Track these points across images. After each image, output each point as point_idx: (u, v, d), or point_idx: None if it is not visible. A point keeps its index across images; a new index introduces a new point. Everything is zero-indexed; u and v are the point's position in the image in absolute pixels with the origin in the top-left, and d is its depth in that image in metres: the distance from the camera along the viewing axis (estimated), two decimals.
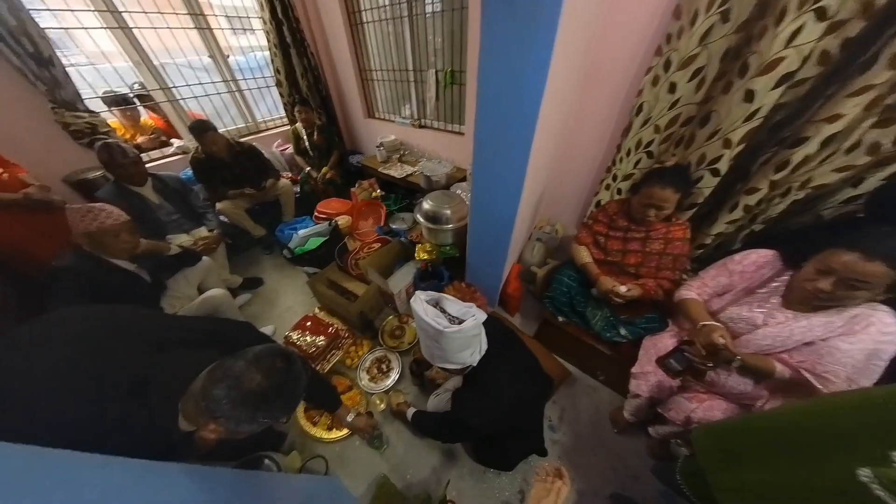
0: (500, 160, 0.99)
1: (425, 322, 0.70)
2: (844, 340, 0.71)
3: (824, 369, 0.72)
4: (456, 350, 0.73)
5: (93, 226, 1.02)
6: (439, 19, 1.85)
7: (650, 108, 1.27)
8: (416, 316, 0.73)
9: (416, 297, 0.75)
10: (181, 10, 1.96)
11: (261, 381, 0.56)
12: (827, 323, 0.73)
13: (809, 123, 1.00)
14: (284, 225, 2.05)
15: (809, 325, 0.75)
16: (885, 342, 0.67)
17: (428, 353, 0.79)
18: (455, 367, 0.78)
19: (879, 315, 0.68)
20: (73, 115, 1.61)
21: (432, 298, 0.78)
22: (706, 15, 1.01)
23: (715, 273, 0.97)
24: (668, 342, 1.03)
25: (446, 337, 0.69)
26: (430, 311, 0.72)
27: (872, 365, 0.68)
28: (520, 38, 0.73)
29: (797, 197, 1.14)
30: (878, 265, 0.64)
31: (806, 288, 0.73)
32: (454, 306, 0.76)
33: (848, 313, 0.71)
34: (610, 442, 1.19)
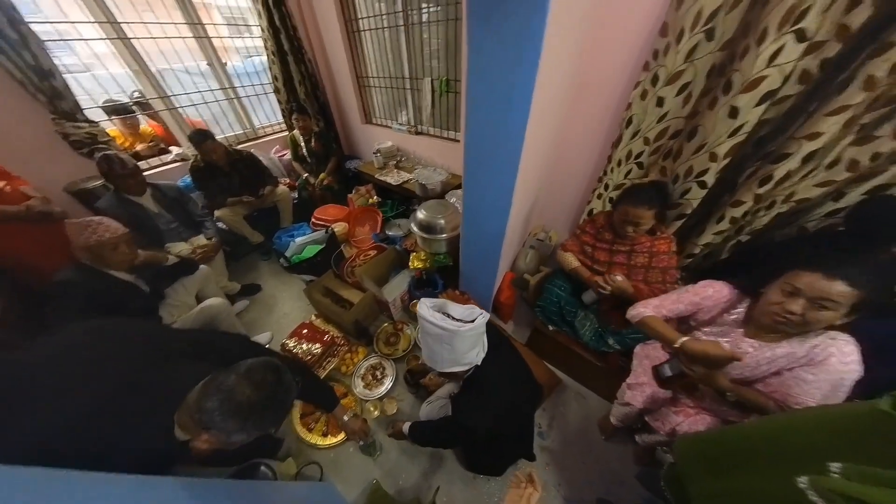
0: (488, 178, 1.02)
1: (437, 327, 0.73)
2: (808, 371, 0.72)
3: (795, 401, 0.73)
4: (466, 349, 0.77)
5: (92, 239, 1.04)
6: (434, 29, 1.88)
7: (639, 121, 1.30)
8: (425, 323, 0.75)
9: (423, 304, 0.78)
10: (179, 20, 1.98)
11: (251, 395, 0.59)
12: (789, 353, 0.74)
13: (791, 140, 1.03)
14: (282, 231, 2.08)
15: (773, 356, 0.76)
16: (847, 371, 0.68)
17: (436, 359, 0.79)
18: (461, 370, 0.81)
19: (839, 345, 0.69)
20: (74, 125, 1.64)
21: (436, 304, 0.81)
22: (691, 33, 1.03)
23: (675, 299, 0.95)
24: (660, 352, 1.06)
25: (460, 336, 0.73)
26: (438, 316, 0.76)
27: (839, 393, 0.69)
28: (505, 60, 0.75)
29: (781, 210, 1.17)
30: (840, 284, 0.65)
31: (774, 312, 0.73)
32: (457, 309, 0.80)
33: (809, 343, 0.72)
34: (597, 448, 1.22)
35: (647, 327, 0.94)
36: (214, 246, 1.71)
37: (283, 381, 0.64)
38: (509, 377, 0.90)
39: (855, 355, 0.69)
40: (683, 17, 1.01)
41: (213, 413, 0.57)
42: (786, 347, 0.75)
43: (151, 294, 1.30)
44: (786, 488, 0.54)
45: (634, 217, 1.09)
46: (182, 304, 1.42)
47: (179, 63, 2.09)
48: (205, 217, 1.79)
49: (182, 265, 1.44)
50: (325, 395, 1.06)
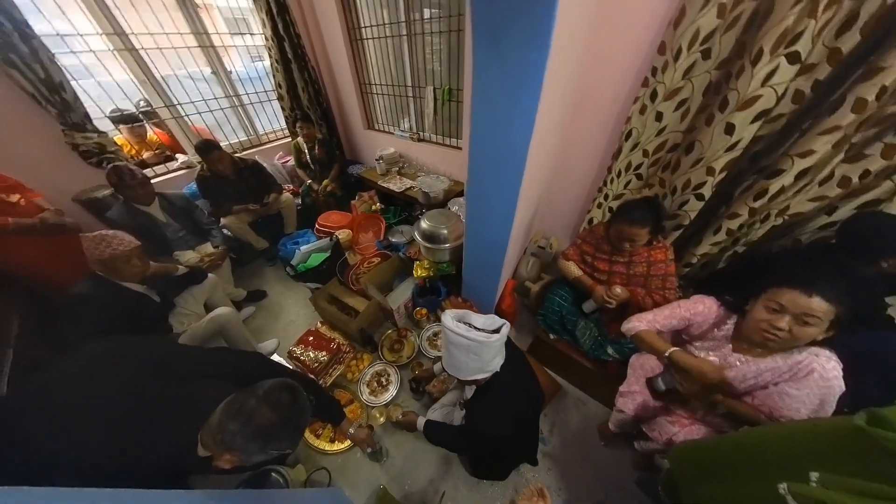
0: (491, 192, 1.05)
1: (465, 338, 0.76)
2: (791, 386, 0.74)
3: (780, 414, 0.77)
4: (491, 357, 0.81)
5: (106, 253, 1.08)
6: (437, 39, 1.90)
7: (638, 134, 1.33)
8: (453, 335, 0.77)
9: (448, 317, 0.81)
10: (183, 27, 2.00)
11: (271, 417, 0.62)
12: (774, 368, 0.77)
13: (785, 156, 1.06)
14: (287, 238, 2.11)
15: (759, 370, 0.79)
16: (831, 386, 0.71)
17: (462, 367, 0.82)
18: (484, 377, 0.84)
19: (821, 360, 0.72)
20: (83, 136, 1.67)
21: (459, 315, 0.84)
22: (689, 52, 1.06)
23: (668, 314, 0.98)
24: (654, 362, 1.09)
25: (487, 347, 0.77)
26: (463, 327, 0.79)
27: (827, 407, 0.73)
28: (509, 87, 0.78)
29: (776, 223, 1.20)
30: (817, 300, 0.68)
31: (762, 329, 0.75)
32: (478, 319, 0.84)
33: (792, 359, 0.75)
34: (597, 454, 1.25)
35: (641, 341, 0.98)
36: (222, 253, 1.74)
37: (299, 402, 0.67)
38: (521, 383, 0.94)
39: (836, 371, 0.72)
40: (681, 37, 1.05)
41: (234, 435, 0.60)
42: (770, 362, 0.79)
43: (162, 304, 1.33)
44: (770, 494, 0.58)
45: (629, 235, 1.12)
46: (191, 313, 1.45)
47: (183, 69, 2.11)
48: (211, 225, 1.82)
49: (191, 275, 1.47)
50: (333, 410, 1.10)
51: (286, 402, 0.65)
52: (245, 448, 0.60)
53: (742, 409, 0.82)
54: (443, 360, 0.89)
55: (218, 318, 1.39)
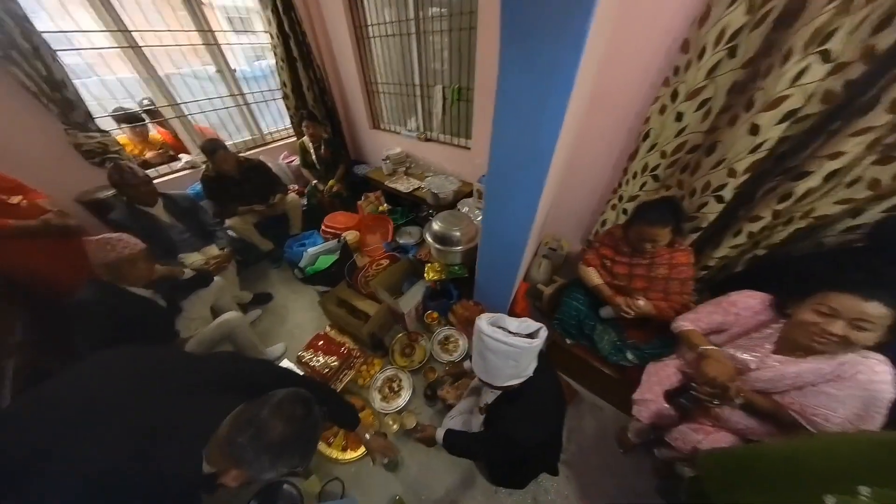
0: (511, 196, 1.03)
1: (505, 344, 0.73)
2: (832, 386, 0.72)
3: (813, 412, 0.74)
4: (528, 363, 0.78)
5: (111, 256, 1.04)
6: (447, 37, 1.87)
7: (656, 135, 1.30)
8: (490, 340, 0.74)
9: (483, 323, 0.77)
10: (189, 27, 1.96)
11: (283, 430, 0.58)
12: (816, 369, 0.74)
13: (813, 158, 1.03)
14: (293, 240, 2.07)
15: (799, 371, 0.76)
16: (877, 389, 0.68)
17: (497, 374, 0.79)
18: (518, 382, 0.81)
19: (869, 363, 0.69)
20: (86, 135, 1.63)
21: (493, 319, 0.81)
22: (714, 50, 1.04)
23: (711, 310, 0.98)
24: (669, 371, 1.06)
25: (527, 352, 0.74)
26: (500, 332, 0.76)
27: (873, 413, 0.69)
28: (537, 87, 0.75)
29: (799, 226, 1.18)
30: (877, 306, 0.65)
31: (813, 332, 0.73)
32: (512, 323, 0.81)
33: (836, 360, 0.72)
34: (616, 461, 1.23)
35: (685, 339, 0.99)
36: (228, 255, 1.70)
37: (312, 414, 0.64)
38: (552, 389, 0.91)
39: (887, 376, 0.69)
40: (706, 35, 1.02)
41: (244, 448, 0.57)
42: (811, 364, 0.76)
43: (169, 308, 1.30)
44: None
45: (650, 235, 1.09)
46: (199, 317, 1.41)
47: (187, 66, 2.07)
48: (216, 226, 1.78)
49: (197, 278, 1.43)
50: (347, 414, 1.06)
51: (299, 414, 0.61)
52: (255, 463, 0.57)
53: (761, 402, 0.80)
54: (474, 365, 0.85)
55: (226, 323, 1.35)
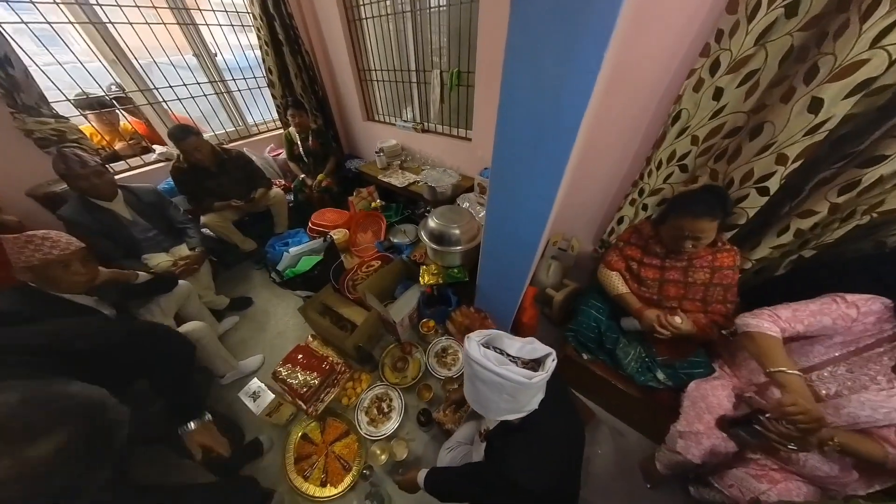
0: (522, 186, 0.84)
1: (496, 374, 0.57)
2: None
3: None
4: (529, 398, 0.61)
5: (35, 258, 0.86)
6: (445, 15, 1.69)
7: (689, 117, 1.11)
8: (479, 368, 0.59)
9: (472, 345, 0.61)
10: (161, 4, 1.78)
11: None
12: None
13: (890, 139, 0.85)
14: (276, 239, 1.89)
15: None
16: None
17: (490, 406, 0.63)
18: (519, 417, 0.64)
19: None
20: (37, 120, 1.44)
21: (487, 338, 0.64)
22: (769, 8, 0.85)
23: (817, 309, 0.74)
24: (721, 395, 0.88)
25: (527, 387, 0.57)
26: (492, 356, 0.59)
27: None
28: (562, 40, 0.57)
29: (861, 222, 0.99)
30: None
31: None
32: (513, 344, 0.64)
33: None
34: (642, 497, 1.04)
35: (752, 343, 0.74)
36: (198, 256, 1.52)
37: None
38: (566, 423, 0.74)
39: None
40: None
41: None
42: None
43: (118, 318, 1.11)
44: None
45: (694, 231, 0.91)
46: None
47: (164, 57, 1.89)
48: (187, 224, 1.60)
49: (157, 282, 1.25)
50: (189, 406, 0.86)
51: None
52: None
53: (861, 447, 0.61)
54: (465, 391, 0.68)
55: (191, 335, 1.17)
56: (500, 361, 0.59)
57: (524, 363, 0.62)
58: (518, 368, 0.58)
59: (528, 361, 0.62)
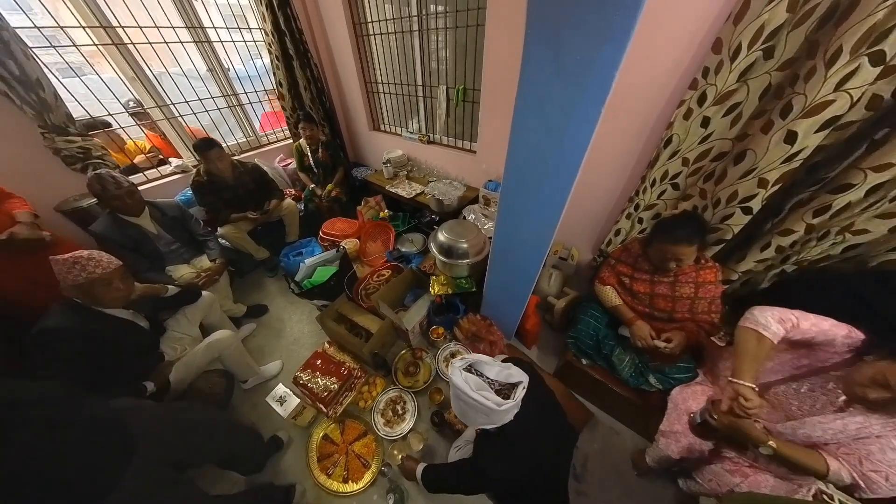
0: (529, 211, 0.93)
1: (473, 399, 0.67)
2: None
3: (872, 467, 0.65)
4: (502, 416, 0.71)
5: (81, 278, 0.94)
6: (451, 35, 1.77)
7: (679, 141, 1.22)
8: (460, 391, 0.69)
9: (454, 369, 0.73)
10: (178, 24, 1.85)
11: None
12: (888, 421, 0.66)
13: (855, 169, 0.95)
14: (289, 248, 1.97)
15: (867, 422, 0.68)
16: None
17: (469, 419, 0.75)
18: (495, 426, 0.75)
19: None
20: (65, 139, 1.52)
21: (467, 363, 0.75)
22: (749, 51, 0.95)
23: (814, 322, 0.76)
24: (700, 399, 0.98)
25: (497, 413, 0.67)
26: (474, 381, 0.70)
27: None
28: (565, 96, 0.66)
29: (836, 241, 1.09)
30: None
31: (853, 390, 0.68)
32: (492, 369, 0.74)
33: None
34: (636, 491, 1.14)
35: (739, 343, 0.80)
36: (219, 268, 1.60)
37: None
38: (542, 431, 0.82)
39: None
40: (742, 33, 0.93)
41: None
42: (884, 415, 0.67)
43: (151, 329, 1.19)
44: None
45: (676, 255, 1.02)
46: (185, 336, 1.31)
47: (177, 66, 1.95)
48: (207, 236, 1.68)
49: (183, 294, 1.33)
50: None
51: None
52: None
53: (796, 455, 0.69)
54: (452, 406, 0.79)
55: (217, 344, 1.26)
56: (479, 386, 0.69)
57: (501, 385, 0.72)
58: (492, 395, 0.68)
59: (504, 384, 0.72)
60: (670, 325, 1.10)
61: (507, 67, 1.52)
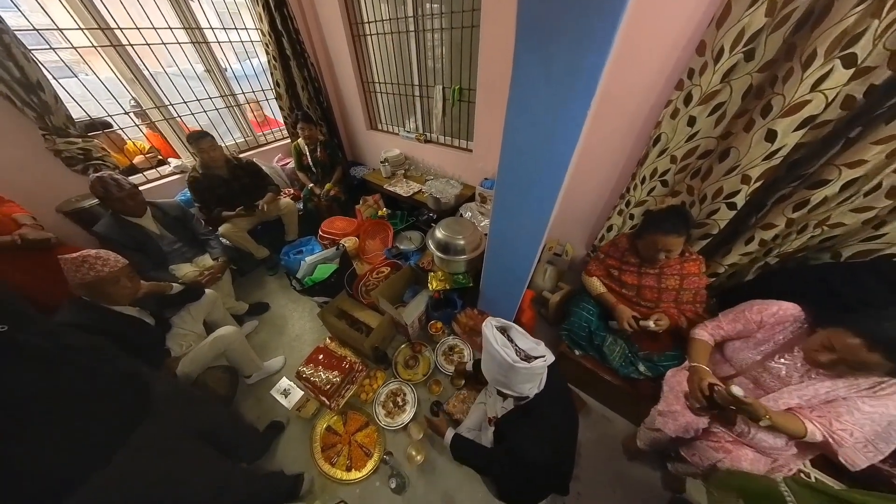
0: (522, 208, 0.98)
1: (496, 350, 0.74)
2: (866, 402, 0.71)
3: (840, 426, 0.73)
4: (519, 382, 0.78)
5: (89, 276, 0.97)
6: (447, 35, 1.80)
7: (667, 140, 1.26)
8: (486, 341, 0.76)
9: (488, 322, 0.80)
10: (176, 25, 1.86)
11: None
12: (852, 384, 0.73)
13: (831, 166, 1.00)
14: (289, 247, 2.00)
15: (834, 385, 0.75)
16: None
17: (490, 375, 0.82)
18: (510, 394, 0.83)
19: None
20: (66, 141, 1.53)
21: (502, 325, 0.81)
22: (731, 53, 0.99)
23: (733, 318, 0.98)
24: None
25: (515, 370, 0.73)
26: (500, 338, 0.76)
27: (893, 431, 0.69)
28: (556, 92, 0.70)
29: (814, 234, 1.15)
30: (877, 356, 0.67)
31: (810, 356, 0.77)
32: (524, 341, 0.80)
33: (875, 377, 0.72)
34: (627, 475, 1.20)
35: (690, 348, 1.02)
36: (221, 266, 1.63)
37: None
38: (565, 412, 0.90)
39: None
40: (724, 36, 0.97)
41: None
42: (849, 378, 0.74)
43: (157, 326, 1.23)
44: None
45: (665, 246, 1.07)
46: (190, 333, 1.35)
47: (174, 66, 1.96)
48: (209, 235, 1.71)
49: (187, 292, 1.36)
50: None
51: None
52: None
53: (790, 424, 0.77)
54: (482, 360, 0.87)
55: (221, 340, 1.29)
56: (504, 344, 0.76)
57: (525, 356, 0.77)
58: (511, 353, 0.74)
59: (528, 356, 0.77)
60: (656, 311, 1.15)
61: (501, 68, 1.56)
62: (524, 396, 0.83)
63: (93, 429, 0.67)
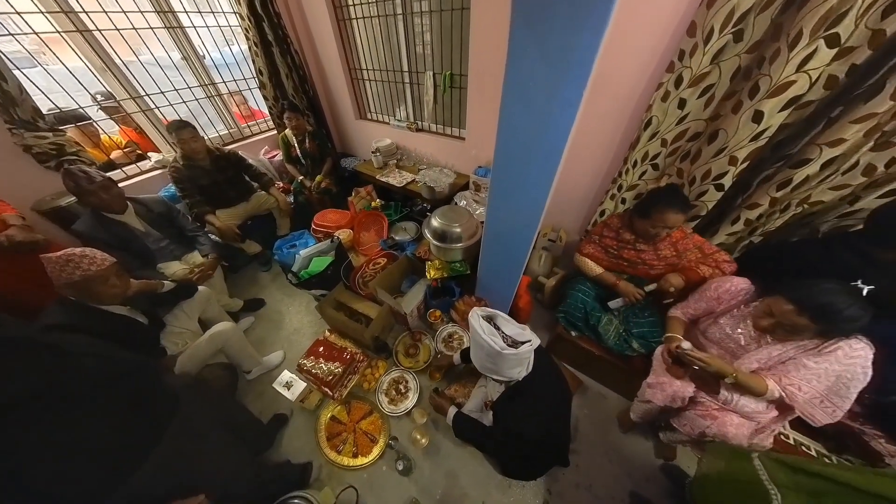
0: (518, 193, 0.98)
1: (483, 339, 0.77)
2: (811, 359, 0.80)
3: (789, 382, 0.82)
4: (508, 367, 0.82)
5: (76, 275, 0.93)
6: (436, 19, 1.75)
7: (658, 123, 1.28)
8: (474, 332, 0.81)
9: (474, 313, 0.84)
10: (147, 8, 1.74)
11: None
12: (799, 345, 0.83)
13: (812, 145, 1.04)
14: (282, 241, 1.96)
15: (784, 348, 0.85)
16: (851, 364, 0.76)
17: (479, 363, 0.87)
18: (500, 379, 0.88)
19: (850, 342, 0.77)
20: (35, 135, 1.44)
21: (487, 315, 0.85)
22: (720, 34, 1.00)
23: (697, 297, 1.10)
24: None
25: (503, 357, 0.77)
26: (486, 327, 0.80)
27: (842, 386, 0.78)
28: (551, 75, 0.70)
29: (796, 212, 1.20)
30: (804, 319, 0.76)
31: (756, 322, 0.89)
32: (510, 327, 0.84)
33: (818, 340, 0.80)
34: (622, 447, 1.27)
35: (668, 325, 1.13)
36: (212, 262, 1.59)
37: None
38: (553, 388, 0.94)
39: (863, 353, 0.76)
40: (714, 17, 0.98)
41: None
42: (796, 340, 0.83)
43: (150, 325, 1.20)
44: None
45: (673, 223, 1.11)
46: (185, 331, 1.32)
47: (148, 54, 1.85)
48: (197, 232, 1.66)
49: (179, 289, 1.33)
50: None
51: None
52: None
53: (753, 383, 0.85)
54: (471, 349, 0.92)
55: (219, 335, 1.28)
56: (491, 333, 0.79)
57: (512, 342, 0.80)
58: (499, 340, 0.78)
59: (515, 342, 0.80)
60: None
61: (493, 52, 1.53)
62: (513, 380, 0.87)
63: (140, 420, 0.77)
